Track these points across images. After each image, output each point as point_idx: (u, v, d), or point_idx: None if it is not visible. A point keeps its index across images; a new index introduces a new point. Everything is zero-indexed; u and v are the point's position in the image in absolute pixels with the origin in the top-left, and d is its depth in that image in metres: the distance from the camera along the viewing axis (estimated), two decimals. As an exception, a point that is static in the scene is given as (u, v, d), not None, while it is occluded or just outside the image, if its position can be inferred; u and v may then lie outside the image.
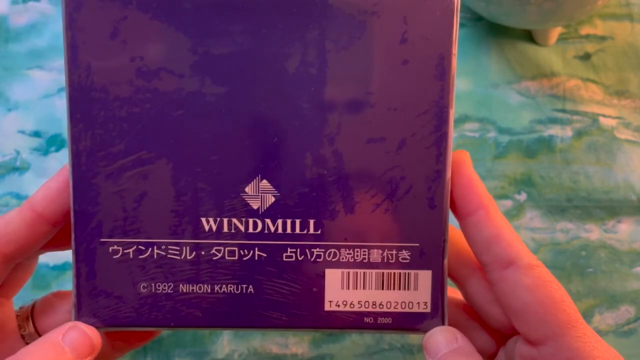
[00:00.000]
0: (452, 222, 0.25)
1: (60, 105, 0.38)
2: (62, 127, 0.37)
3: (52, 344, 0.23)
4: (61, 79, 0.38)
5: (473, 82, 0.38)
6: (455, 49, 0.24)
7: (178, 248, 0.24)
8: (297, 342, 0.36)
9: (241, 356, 0.36)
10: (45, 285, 0.36)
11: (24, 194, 0.37)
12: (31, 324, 0.27)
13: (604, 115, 0.38)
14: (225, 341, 0.36)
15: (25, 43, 0.38)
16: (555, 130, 0.37)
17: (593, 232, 0.37)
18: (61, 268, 0.37)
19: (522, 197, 0.37)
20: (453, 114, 0.24)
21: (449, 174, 0.24)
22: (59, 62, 0.38)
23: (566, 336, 0.22)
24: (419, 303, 0.24)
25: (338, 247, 0.24)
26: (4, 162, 0.37)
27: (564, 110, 0.38)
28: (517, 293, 0.23)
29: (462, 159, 0.24)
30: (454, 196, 0.24)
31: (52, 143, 0.37)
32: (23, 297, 0.29)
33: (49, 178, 0.37)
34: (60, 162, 0.37)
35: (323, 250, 0.24)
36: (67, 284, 0.36)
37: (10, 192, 0.37)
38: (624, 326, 0.36)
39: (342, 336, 0.36)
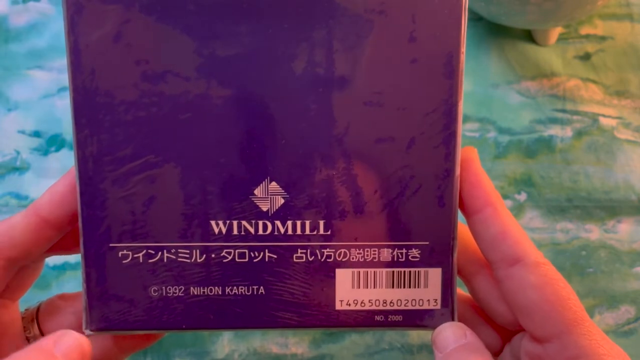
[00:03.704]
0: (459, 218, 0.25)
1: (61, 105, 0.38)
2: (62, 127, 0.37)
3: (42, 350, 0.22)
4: (61, 78, 0.38)
5: (473, 82, 0.38)
6: (463, 47, 0.23)
7: (188, 251, 0.24)
8: (297, 342, 0.36)
9: (241, 356, 0.36)
10: (45, 285, 0.36)
11: (24, 194, 0.37)
12: (36, 326, 0.27)
13: (604, 115, 0.38)
14: (226, 341, 0.36)
15: (25, 43, 0.38)
16: (555, 130, 0.37)
17: (593, 232, 0.37)
18: (61, 268, 0.36)
19: (522, 197, 0.37)
20: (462, 112, 0.24)
21: (458, 172, 0.24)
22: (59, 62, 0.38)
23: (572, 334, 0.22)
24: (429, 300, 0.25)
25: (348, 247, 0.24)
26: (4, 162, 0.37)
27: (564, 110, 0.38)
28: (523, 291, 0.23)
29: (469, 156, 0.24)
30: (461, 193, 0.24)
31: (52, 143, 0.37)
32: (23, 296, 0.29)
33: (48, 178, 0.37)
34: (60, 162, 0.37)
35: (333, 250, 0.24)
36: (67, 284, 0.36)
37: (10, 192, 0.37)
38: (624, 326, 0.36)
39: (342, 336, 0.36)
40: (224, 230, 0.24)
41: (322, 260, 0.24)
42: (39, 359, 0.22)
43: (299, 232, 0.24)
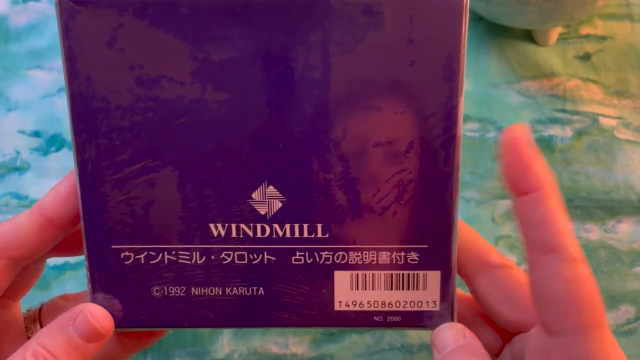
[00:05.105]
0: (460, 216, 0.25)
1: (61, 105, 0.38)
2: (62, 127, 0.37)
3: (62, 328, 0.23)
4: (61, 78, 0.38)
5: (473, 82, 0.38)
6: (464, 49, 0.23)
7: (188, 253, 0.24)
8: (297, 342, 0.36)
9: (241, 356, 0.36)
10: (45, 285, 0.36)
11: (24, 194, 0.37)
12: (38, 326, 0.27)
13: (604, 115, 0.38)
14: (225, 341, 0.36)
15: (25, 43, 0.38)
16: (555, 130, 0.37)
17: (593, 232, 0.37)
18: (61, 268, 0.36)
19: (522, 197, 0.37)
20: (462, 116, 0.24)
21: (457, 176, 0.24)
22: (59, 62, 0.38)
23: (586, 334, 0.21)
24: (428, 302, 0.25)
25: (346, 250, 0.24)
26: (4, 162, 0.37)
27: (564, 110, 0.38)
28: (552, 281, 0.22)
29: (520, 137, 0.22)
30: (511, 173, 0.22)
31: (52, 143, 0.37)
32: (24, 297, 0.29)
33: (48, 178, 0.37)
34: (60, 161, 0.37)
35: (331, 253, 0.24)
36: (67, 284, 0.36)
37: (10, 192, 0.37)
38: (624, 326, 0.36)
39: (342, 336, 0.36)
40: (222, 233, 0.24)
41: (321, 262, 0.24)
42: (58, 337, 0.23)
43: (297, 235, 0.24)
